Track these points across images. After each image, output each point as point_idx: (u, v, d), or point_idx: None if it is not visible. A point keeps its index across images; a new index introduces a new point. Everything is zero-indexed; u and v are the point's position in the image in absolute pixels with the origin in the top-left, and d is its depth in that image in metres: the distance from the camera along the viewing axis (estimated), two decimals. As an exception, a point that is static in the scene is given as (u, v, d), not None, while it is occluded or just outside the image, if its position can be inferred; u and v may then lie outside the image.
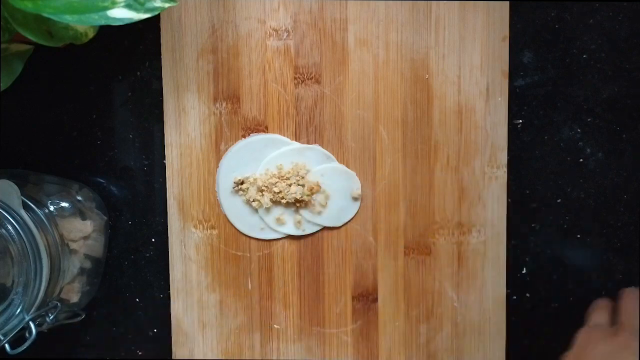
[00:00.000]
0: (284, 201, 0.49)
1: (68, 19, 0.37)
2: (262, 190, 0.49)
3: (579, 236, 0.51)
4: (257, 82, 0.49)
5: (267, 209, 0.49)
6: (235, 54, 0.49)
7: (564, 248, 0.51)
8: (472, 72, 0.49)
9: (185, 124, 0.49)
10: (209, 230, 0.50)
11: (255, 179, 0.49)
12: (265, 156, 0.49)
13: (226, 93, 0.49)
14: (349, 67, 0.49)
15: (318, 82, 0.49)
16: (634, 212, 0.51)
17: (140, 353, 0.52)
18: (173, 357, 0.51)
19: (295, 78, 0.49)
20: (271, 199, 0.49)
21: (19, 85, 0.43)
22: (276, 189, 0.48)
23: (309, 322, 0.51)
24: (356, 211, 0.50)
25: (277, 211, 0.50)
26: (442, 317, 0.50)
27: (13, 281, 0.42)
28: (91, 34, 0.43)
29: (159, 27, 0.49)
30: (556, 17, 0.49)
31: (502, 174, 0.50)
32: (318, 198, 0.49)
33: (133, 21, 0.39)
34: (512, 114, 0.50)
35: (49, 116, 0.51)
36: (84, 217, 0.48)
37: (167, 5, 0.41)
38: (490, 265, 0.50)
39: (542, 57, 0.50)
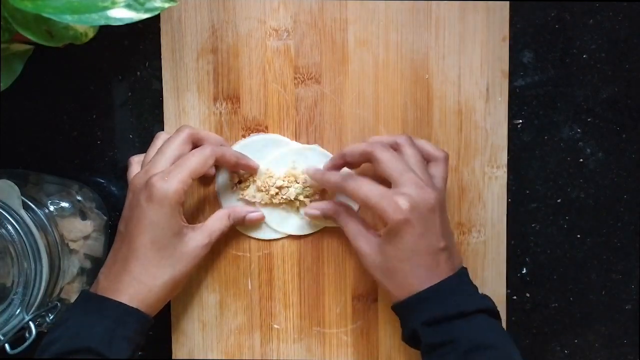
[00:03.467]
0: (283, 200, 0.49)
1: (68, 19, 0.37)
2: (260, 190, 0.49)
3: (579, 236, 0.51)
4: (257, 82, 0.49)
5: (268, 209, 0.49)
6: (235, 54, 0.49)
7: (564, 248, 0.51)
8: (472, 72, 0.49)
9: (185, 123, 0.49)
10: (209, 230, 0.50)
11: (254, 179, 0.49)
12: (265, 156, 0.49)
13: (226, 93, 0.49)
14: (349, 67, 0.49)
15: (318, 82, 0.49)
16: (634, 212, 0.51)
17: (140, 353, 0.52)
18: (173, 357, 0.51)
19: (295, 78, 0.49)
20: (271, 199, 0.49)
21: (19, 85, 0.43)
22: (273, 191, 0.48)
23: (309, 322, 0.51)
24: (356, 211, 0.50)
25: (278, 211, 0.49)
26: (442, 317, 0.50)
27: (13, 281, 0.42)
28: (91, 34, 0.43)
29: (159, 27, 0.49)
30: (556, 17, 0.49)
31: (502, 174, 0.50)
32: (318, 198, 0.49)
33: (133, 21, 0.39)
34: (512, 114, 0.50)
35: (49, 116, 0.51)
36: (84, 217, 0.48)
37: (167, 5, 0.41)
38: (490, 265, 0.50)
39: (542, 57, 0.50)
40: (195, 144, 0.46)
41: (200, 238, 0.45)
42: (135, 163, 0.47)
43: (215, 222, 0.47)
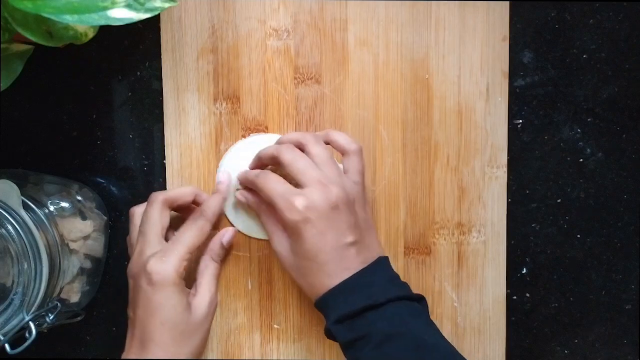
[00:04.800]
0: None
1: (68, 19, 0.37)
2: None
3: (579, 236, 0.51)
4: (257, 82, 0.49)
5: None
6: (235, 54, 0.49)
7: (564, 248, 0.51)
8: (472, 72, 0.49)
9: (185, 124, 0.49)
10: (209, 230, 0.50)
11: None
12: (265, 156, 0.49)
13: (226, 93, 0.49)
14: (349, 67, 0.49)
15: (318, 82, 0.49)
16: (634, 212, 0.51)
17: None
18: (173, 357, 0.51)
19: (295, 78, 0.49)
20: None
21: (19, 85, 0.43)
22: None
23: (309, 322, 0.51)
24: None
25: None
26: (442, 317, 0.50)
27: (13, 281, 0.42)
28: (91, 34, 0.43)
29: (159, 27, 0.49)
30: (556, 17, 0.49)
31: (502, 174, 0.50)
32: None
33: (133, 21, 0.39)
34: (512, 114, 0.50)
35: (49, 116, 0.51)
36: (84, 217, 0.48)
37: (167, 5, 0.41)
38: (490, 265, 0.50)
39: (542, 57, 0.50)
40: (171, 206, 0.46)
41: (203, 299, 0.45)
42: (137, 216, 0.46)
43: (205, 273, 0.46)
